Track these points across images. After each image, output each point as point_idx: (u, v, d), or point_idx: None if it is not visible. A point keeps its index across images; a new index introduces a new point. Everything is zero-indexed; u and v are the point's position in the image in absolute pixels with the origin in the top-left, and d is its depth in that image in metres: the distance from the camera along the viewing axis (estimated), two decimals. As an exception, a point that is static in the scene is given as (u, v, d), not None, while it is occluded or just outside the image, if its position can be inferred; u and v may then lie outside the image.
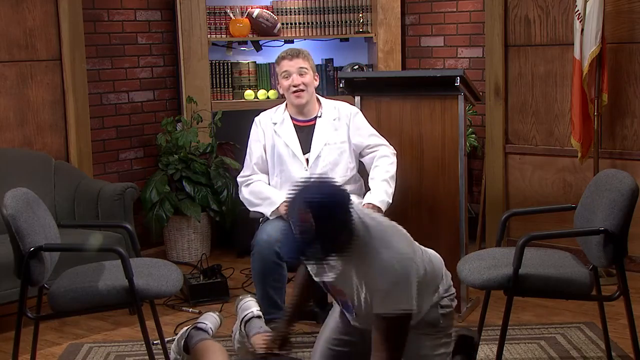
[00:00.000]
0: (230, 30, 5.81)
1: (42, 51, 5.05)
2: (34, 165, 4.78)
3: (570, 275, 3.29)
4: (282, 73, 4.04)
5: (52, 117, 5.11)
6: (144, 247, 4.98)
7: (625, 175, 3.31)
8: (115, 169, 5.51)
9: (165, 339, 3.55)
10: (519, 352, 3.82)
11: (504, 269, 3.29)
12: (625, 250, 3.24)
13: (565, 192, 5.24)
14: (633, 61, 4.94)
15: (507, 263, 3.30)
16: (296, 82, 3.99)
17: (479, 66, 5.66)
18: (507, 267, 3.27)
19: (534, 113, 5.35)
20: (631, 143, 5.00)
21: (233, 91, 5.89)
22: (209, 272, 4.76)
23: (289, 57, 4.04)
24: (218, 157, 5.63)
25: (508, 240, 5.26)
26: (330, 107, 4.11)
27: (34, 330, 3.57)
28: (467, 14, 5.74)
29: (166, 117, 5.54)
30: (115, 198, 4.58)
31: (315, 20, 5.97)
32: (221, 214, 5.51)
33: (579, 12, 4.68)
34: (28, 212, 3.30)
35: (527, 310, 4.36)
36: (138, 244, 3.83)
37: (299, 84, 3.99)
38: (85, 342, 4.14)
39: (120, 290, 3.34)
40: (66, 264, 3.66)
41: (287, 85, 4.02)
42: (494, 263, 3.38)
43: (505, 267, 3.29)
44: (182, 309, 4.58)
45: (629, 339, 3.40)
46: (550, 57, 5.25)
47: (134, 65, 5.55)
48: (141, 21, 5.58)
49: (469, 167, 5.47)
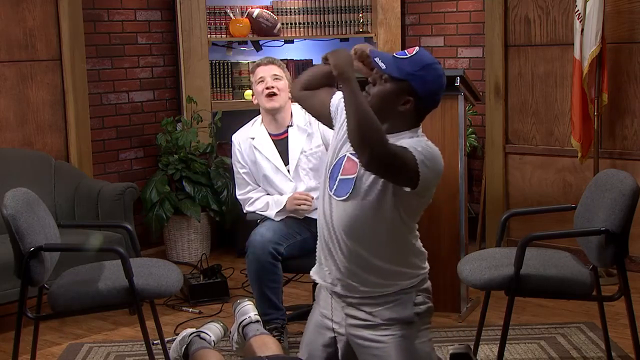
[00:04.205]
0: (230, 30, 5.81)
1: (42, 51, 5.05)
2: (34, 165, 4.78)
3: (571, 275, 3.29)
4: (257, 79, 4.02)
5: (52, 117, 5.11)
6: (144, 247, 4.99)
7: (626, 175, 3.31)
8: (115, 169, 5.51)
9: (165, 339, 3.55)
10: (519, 352, 3.82)
11: (505, 269, 3.29)
12: (626, 250, 3.24)
13: (565, 192, 5.24)
14: (633, 61, 4.94)
15: (507, 263, 3.30)
16: (269, 85, 3.97)
17: (479, 66, 5.66)
18: (508, 267, 3.27)
19: (534, 113, 5.36)
20: (631, 143, 5.00)
21: (233, 91, 5.89)
22: (209, 272, 4.76)
23: (264, 64, 4.03)
24: (218, 157, 5.63)
25: (508, 240, 5.26)
26: (300, 115, 4.06)
27: (34, 330, 3.57)
28: (467, 14, 5.74)
29: (166, 117, 5.54)
30: (115, 198, 4.57)
31: (315, 20, 5.97)
32: (221, 214, 5.51)
33: (579, 12, 4.68)
34: (28, 212, 3.30)
35: (527, 310, 4.36)
36: (138, 244, 3.83)
37: (272, 87, 3.97)
38: (85, 342, 4.14)
39: (120, 290, 3.34)
40: (66, 264, 3.65)
41: (261, 90, 4.00)
42: (494, 263, 3.37)
43: (506, 268, 3.29)
44: (182, 309, 4.58)
45: (629, 339, 3.39)
46: (550, 57, 5.25)
47: (134, 65, 5.55)
48: (141, 21, 5.58)
49: (469, 167, 5.47)
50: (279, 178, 4.04)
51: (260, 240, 3.85)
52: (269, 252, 3.82)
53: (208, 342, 3.59)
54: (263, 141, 4.06)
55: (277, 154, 4.04)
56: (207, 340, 3.60)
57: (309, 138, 4.04)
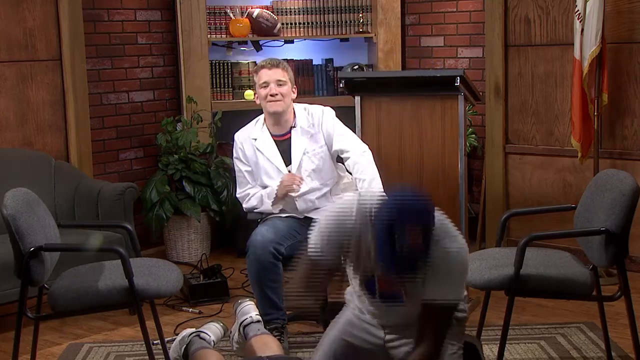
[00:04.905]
0: (230, 30, 5.81)
1: (42, 51, 5.04)
2: (34, 165, 4.78)
3: (571, 275, 3.29)
4: (260, 83, 4.01)
5: (52, 117, 5.11)
6: (144, 247, 4.98)
7: (626, 175, 3.31)
8: (115, 169, 5.51)
9: (165, 339, 3.55)
10: (519, 352, 3.82)
11: (505, 269, 3.29)
12: (626, 250, 3.24)
13: (565, 192, 5.24)
14: (633, 61, 4.94)
15: (508, 263, 3.30)
16: (273, 92, 3.97)
17: (479, 66, 5.66)
18: (508, 267, 3.27)
19: (534, 113, 5.35)
20: (631, 143, 5.00)
21: (233, 91, 5.89)
22: (209, 272, 4.76)
23: (268, 67, 4.02)
24: (218, 157, 5.63)
25: (508, 240, 5.26)
26: (303, 115, 4.06)
27: (34, 330, 3.57)
28: (467, 14, 5.74)
29: (166, 117, 5.54)
30: (115, 198, 4.57)
31: (315, 20, 5.97)
32: (221, 214, 5.51)
33: (579, 12, 4.68)
34: (28, 212, 3.30)
35: (527, 310, 4.36)
36: (138, 244, 3.83)
37: (276, 94, 3.97)
38: (85, 342, 4.14)
39: (120, 290, 3.34)
40: (66, 264, 3.65)
41: (265, 94, 3.99)
42: (494, 263, 3.38)
43: (506, 268, 3.29)
44: (182, 309, 4.57)
45: (629, 339, 3.39)
46: (550, 57, 5.25)
47: (134, 65, 5.55)
48: (141, 21, 5.58)
49: (469, 167, 5.47)
50: (280, 178, 4.04)
51: (261, 240, 3.85)
52: (270, 251, 3.82)
53: (208, 342, 3.59)
54: (265, 142, 4.06)
55: (278, 154, 4.04)
56: (207, 341, 3.60)
57: (312, 139, 4.04)
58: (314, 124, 4.04)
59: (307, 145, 4.03)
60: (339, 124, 4.08)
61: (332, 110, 4.12)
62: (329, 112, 4.09)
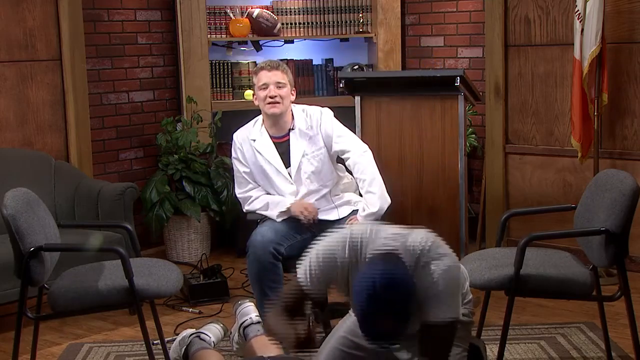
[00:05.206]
0: (230, 30, 5.81)
1: (42, 51, 5.04)
2: (34, 165, 4.78)
3: (571, 275, 3.29)
4: (260, 85, 4.01)
5: (52, 117, 5.11)
6: (144, 247, 4.99)
7: (626, 175, 3.31)
8: (115, 169, 5.51)
9: (165, 339, 3.55)
10: (519, 352, 3.82)
11: (505, 269, 3.29)
12: (626, 250, 3.24)
13: (565, 192, 5.24)
14: (633, 61, 4.94)
15: (508, 263, 3.30)
16: (272, 94, 3.97)
17: (479, 66, 5.66)
18: (508, 267, 3.27)
19: (534, 113, 5.35)
20: (631, 143, 5.00)
21: (233, 91, 5.89)
22: (209, 272, 4.76)
23: (268, 69, 4.01)
24: (218, 157, 5.63)
25: (508, 240, 5.26)
26: (302, 117, 4.05)
27: (34, 330, 3.57)
28: (467, 14, 5.74)
29: (166, 117, 5.54)
30: (115, 198, 4.57)
31: (315, 20, 5.97)
32: (221, 214, 5.51)
33: (579, 12, 4.68)
34: (28, 212, 3.30)
35: (527, 310, 4.36)
36: (138, 244, 3.83)
37: (275, 96, 3.97)
38: (85, 342, 4.14)
39: (120, 290, 3.34)
40: (66, 264, 3.66)
41: (264, 96, 3.99)
42: (494, 263, 3.38)
43: (506, 268, 3.29)
44: (182, 309, 4.58)
45: (629, 339, 3.39)
46: (550, 57, 5.25)
47: (134, 65, 5.55)
48: (141, 21, 5.58)
49: (469, 167, 5.47)
50: (280, 180, 4.03)
51: (261, 240, 3.85)
52: (270, 252, 3.82)
53: (208, 343, 3.60)
54: (264, 143, 4.05)
55: (277, 156, 4.03)
56: (207, 341, 3.61)
57: (311, 141, 4.03)
58: (313, 126, 4.04)
59: (306, 147, 4.03)
60: (337, 124, 4.07)
61: (330, 111, 4.11)
62: (327, 113, 4.08)
